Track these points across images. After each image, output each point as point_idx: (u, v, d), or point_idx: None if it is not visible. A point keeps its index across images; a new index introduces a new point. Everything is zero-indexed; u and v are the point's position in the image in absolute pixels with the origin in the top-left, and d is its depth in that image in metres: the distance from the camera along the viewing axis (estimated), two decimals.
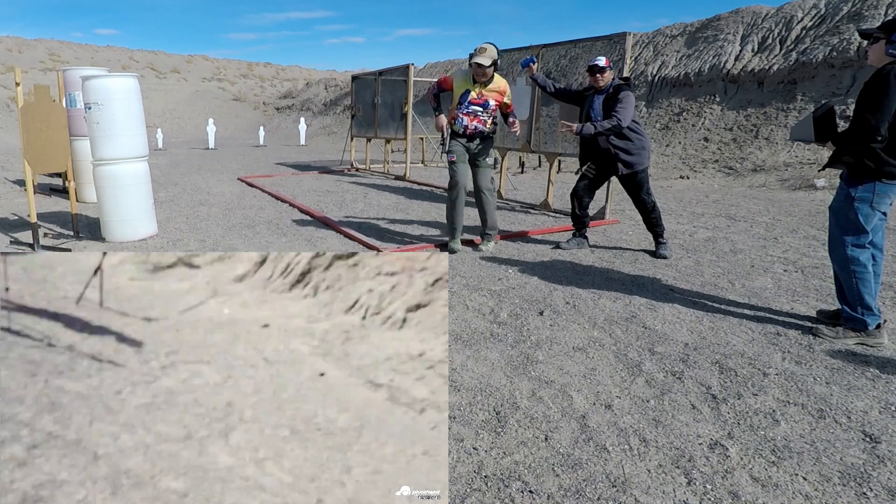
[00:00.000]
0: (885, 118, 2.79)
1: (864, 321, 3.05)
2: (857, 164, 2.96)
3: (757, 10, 13.30)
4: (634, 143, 4.73)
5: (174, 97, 33.20)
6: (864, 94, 2.88)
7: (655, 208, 4.91)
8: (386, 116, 11.20)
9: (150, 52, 41.93)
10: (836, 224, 3.13)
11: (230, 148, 19.37)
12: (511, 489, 1.91)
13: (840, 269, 3.14)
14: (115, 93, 5.26)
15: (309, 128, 23.45)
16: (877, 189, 2.94)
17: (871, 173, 2.92)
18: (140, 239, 5.54)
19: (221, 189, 9.17)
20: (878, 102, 2.80)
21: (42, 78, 25.45)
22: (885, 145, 2.87)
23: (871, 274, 3.03)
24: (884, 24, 2.90)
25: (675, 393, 2.56)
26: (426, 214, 6.99)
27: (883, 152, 2.87)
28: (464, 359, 2.93)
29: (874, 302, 3.05)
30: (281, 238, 5.68)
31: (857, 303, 3.06)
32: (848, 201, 3.03)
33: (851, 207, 3.01)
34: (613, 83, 4.80)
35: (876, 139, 2.84)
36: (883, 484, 1.92)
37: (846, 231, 3.06)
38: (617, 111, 4.61)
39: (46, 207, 7.16)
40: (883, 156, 2.87)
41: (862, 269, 3.03)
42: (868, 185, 2.95)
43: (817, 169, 9.76)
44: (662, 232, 4.98)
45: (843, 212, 3.07)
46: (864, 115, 2.84)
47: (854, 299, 3.07)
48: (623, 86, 4.76)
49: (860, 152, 2.93)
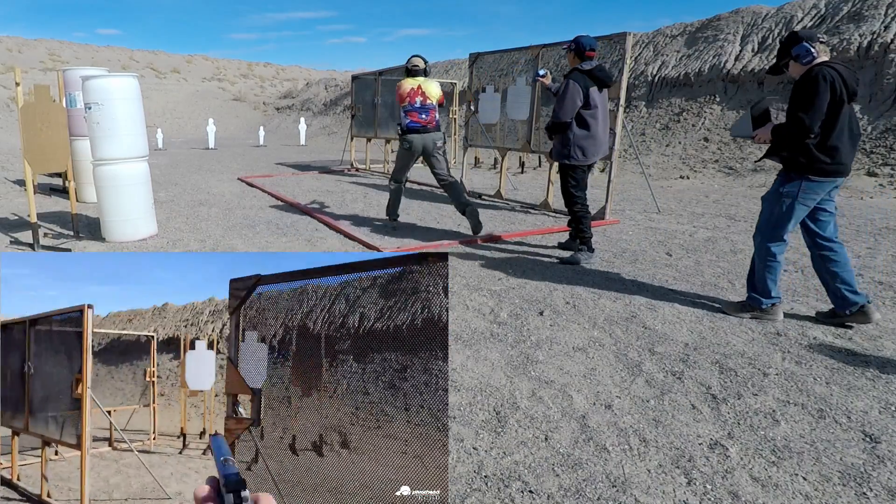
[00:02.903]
0: (817, 116, 2.98)
1: (761, 301, 3.41)
2: (790, 158, 3.17)
3: (757, 10, 13.30)
4: (567, 135, 4.50)
5: (174, 97, 33.19)
6: (796, 95, 3.08)
7: (580, 208, 4.65)
8: (386, 116, 11.20)
9: (150, 52, 41.92)
10: (763, 213, 3.39)
11: (230, 148, 19.36)
12: (511, 489, 1.91)
13: (756, 254, 3.44)
14: (115, 93, 5.26)
15: (309, 128, 23.44)
16: (803, 185, 3.15)
17: (801, 169, 3.13)
18: (140, 239, 5.54)
19: (221, 189, 9.17)
20: (810, 102, 2.99)
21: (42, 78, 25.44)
22: (816, 142, 3.06)
23: (779, 265, 3.36)
24: (781, 50, 3.22)
25: (675, 393, 2.56)
26: (426, 214, 6.99)
27: (815, 149, 3.06)
28: (464, 359, 2.93)
29: (775, 288, 3.39)
30: (281, 238, 5.68)
31: (760, 285, 3.39)
32: (777, 195, 3.26)
33: (779, 201, 3.25)
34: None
35: (809, 136, 3.03)
36: (883, 484, 1.92)
37: (769, 222, 3.32)
38: (555, 104, 4.57)
39: (46, 207, 7.16)
40: (814, 152, 3.07)
41: (772, 260, 3.35)
42: (796, 182, 3.17)
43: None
44: (583, 237, 4.68)
45: (771, 204, 3.31)
46: (798, 114, 3.02)
47: (758, 282, 3.40)
48: (569, 75, 4.55)
49: (793, 148, 3.13)
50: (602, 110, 4.61)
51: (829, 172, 3.10)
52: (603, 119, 4.65)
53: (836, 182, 3.17)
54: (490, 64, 7.85)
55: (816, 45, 3.08)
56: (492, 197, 8.11)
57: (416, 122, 5.49)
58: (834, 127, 3.03)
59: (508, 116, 7.43)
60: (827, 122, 3.02)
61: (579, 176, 4.66)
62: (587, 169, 4.72)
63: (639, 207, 7.37)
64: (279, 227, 6.19)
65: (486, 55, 7.91)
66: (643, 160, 9.90)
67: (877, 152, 8.92)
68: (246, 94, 36.64)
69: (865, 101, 9.80)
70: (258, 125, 25.31)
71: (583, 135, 4.52)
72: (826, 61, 3.08)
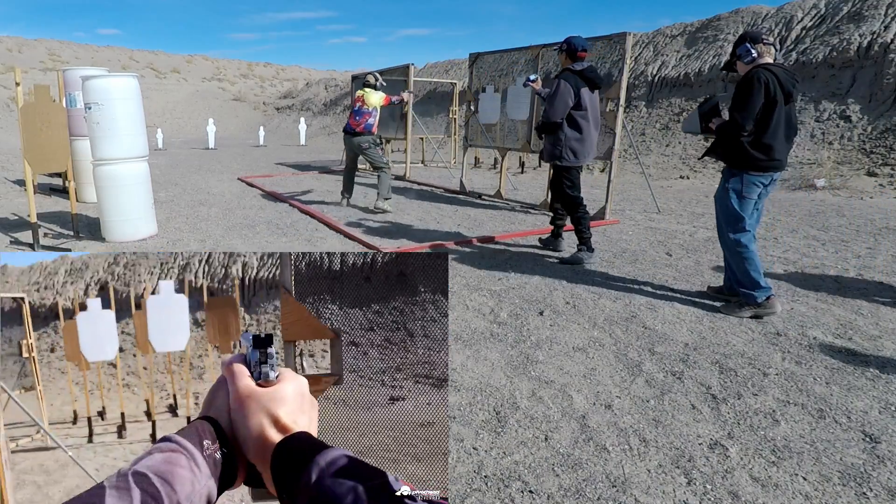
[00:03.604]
0: (750, 115, 3.18)
1: (753, 296, 3.42)
2: (730, 155, 3.37)
3: (757, 10, 13.30)
4: (559, 136, 4.52)
5: (174, 97, 33.19)
6: (735, 95, 3.26)
7: (580, 210, 4.65)
8: (386, 116, 11.18)
9: (150, 52, 41.92)
10: (718, 212, 3.54)
11: (230, 148, 19.36)
12: (511, 489, 1.91)
13: (728, 252, 3.54)
14: (115, 93, 5.26)
15: (309, 128, 23.44)
16: (744, 179, 3.35)
17: (740, 164, 3.33)
18: (140, 239, 5.54)
19: (221, 189, 9.17)
20: (744, 101, 3.19)
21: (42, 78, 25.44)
22: (751, 140, 3.25)
23: (754, 253, 3.43)
24: (732, 49, 3.39)
25: (675, 393, 2.56)
26: (426, 214, 6.99)
27: (750, 147, 3.26)
28: (464, 359, 2.93)
29: (761, 278, 3.42)
30: (281, 238, 5.68)
31: (746, 280, 3.44)
32: (725, 191, 3.44)
33: (728, 196, 3.42)
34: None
35: (742, 134, 3.23)
36: (883, 484, 1.92)
37: (726, 218, 3.47)
38: (546, 104, 4.61)
39: (46, 207, 7.16)
40: (749, 150, 3.26)
41: (745, 250, 3.41)
42: (738, 177, 3.36)
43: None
44: (582, 237, 4.66)
45: (722, 200, 3.48)
46: (733, 112, 3.23)
47: (743, 277, 3.45)
48: (559, 75, 4.57)
49: (731, 146, 3.32)
50: (593, 111, 4.60)
51: (765, 167, 3.31)
52: (594, 120, 4.64)
53: (773, 176, 3.38)
54: (490, 64, 7.84)
55: (760, 46, 3.26)
56: (492, 197, 8.11)
57: (349, 125, 6.82)
58: (768, 126, 3.22)
59: (508, 116, 7.43)
60: (762, 121, 3.21)
61: (573, 177, 4.65)
62: (580, 169, 4.72)
63: (639, 207, 7.37)
64: (279, 227, 6.19)
65: (486, 55, 7.91)
66: (643, 160, 9.90)
67: (877, 152, 8.92)
68: (246, 94, 36.64)
69: (865, 101, 9.80)
70: (258, 125, 25.30)
71: (574, 136, 4.52)
72: (766, 63, 3.26)
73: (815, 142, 9.90)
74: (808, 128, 10.24)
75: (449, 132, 14.16)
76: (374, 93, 6.77)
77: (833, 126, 9.90)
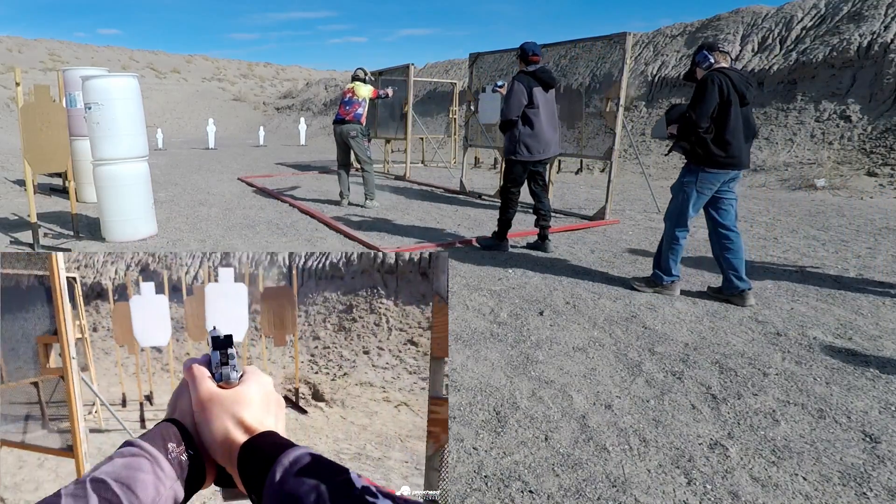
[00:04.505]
0: (704, 113, 3.45)
1: (662, 278, 3.86)
2: (691, 151, 3.61)
3: (757, 10, 13.30)
4: (514, 133, 4.80)
5: (174, 97, 33.19)
6: (693, 96, 3.55)
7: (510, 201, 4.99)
8: (386, 116, 11.20)
9: (150, 52, 41.94)
10: (671, 202, 3.83)
11: (230, 148, 19.36)
12: (511, 489, 1.91)
13: (665, 236, 3.88)
14: (115, 93, 5.25)
15: (309, 128, 23.44)
16: (700, 176, 3.60)
17: (699, 160, 3.58)
18: (140, 239, 5.54)
19: (221, 189, 9.17)
20: (699, 101, 3.48)
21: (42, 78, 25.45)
22: (713, 137, 3.51)
23: (681, 247, 3.82)
24: (692, 59, 3.70)
25: (675, 393, 2.56)
26: (426, 214, 6.99)
27: (711, 143, 3.51)
28: (464, 359, 2.93)
29: (675, 267, 3.84)
30: (281, 238, 5.68)
31: (664, 263, 3.84)
32: (680, 184, 3.71)
33: (682, 190, 3.69)
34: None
35: (698, 129, 3.48)
36: (883, 484, 1.92)
37: (674, 211, 3.77)
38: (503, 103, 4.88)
39: (46, 207, 7.16)
40: (710, 146, 3.52)
41: (675, 243, 3.80)
42: (694, 173, 3.62)
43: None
44: (500, 231, 5.12)
45: (676, 192, 3.76)
46: (689, 111, 3.51)
47: (663, 261, 3.84)
48: (515, 77, 4.88)
49: (692, 142, 3.57)
50: (546, 110, 4.85)
51: (724, 164, 3.55)
52: (547, 118, 4.87)
53: (730, 174, 3.62)
54: (490, 64, 7.85)
55: (716, 53, 3.60)
56: (492, 197, 8.10)
57: (339, 114, 7.11)
58: (727, 124, 3.48)
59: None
60: (720, 120, 3.49)
61: (518, 172, 4.91)
62: (533, 166, 4.93)
63: (639, 207, 7.37)
64: (279, 227, 6.19)
65: (486, 55, 7.92)
66: (643, 160, 9.89)
67: (877, 152, 8.92)
68: (246, 94, 36.64)
69: (865, 101, 9.80)
70: (258, 125, 25.31)
71: (527, 132, 4.80)
72: (722, 67, 3.55)
73: (815, 142, 9.91)
74: (808, 128, 10.24)
75: (449, 132, 14.15)
76: (363, 85, 7.10)
77: (833, 126, 9.90)
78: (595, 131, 6.59)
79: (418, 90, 19.88)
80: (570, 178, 10.78)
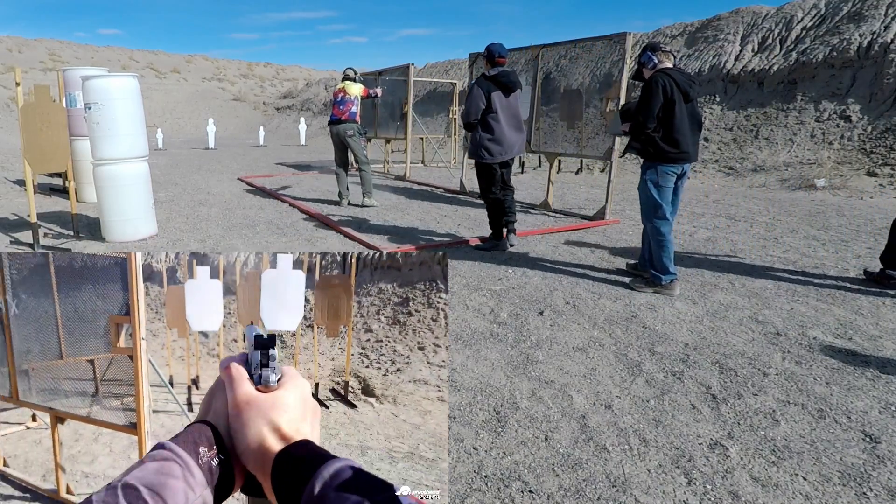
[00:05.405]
0: (650, 115, 3.64)
1: (660, 278, 3.87)
2: (645, 150, 3.79)
3: (757, 10, 13.30)
4: (475, 136, 4.89)
5: (174, 97, 33.19)
6: (639, 97, 3.73)
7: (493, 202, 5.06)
8: (386, 116, 11.19)
9: (150, 52, 41.94)
10: (641, 202, 3.96)
11: (230, 148, 19.36)
12: (511, 489, 1.91)
13: (651, 236, 3.93)
14: (115, 93, 5.26)
15: (309, 128, 23.43)
16: (659, 170, 3.78)
17: (654, 158, 3.76)
18: (140, 239, 5.54)
19: (221, 189, 9.17)
20: (644, 103, 3.66)
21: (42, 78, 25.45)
22: (662, 135, 3.69)
23: (669, 241, 3.85)
24: (638, 60, 3.88)
25: (675, 393, 2.56)
26: (426, 214, 6.99)
27: (661, 141, 3.69)
28: (464, 359, 2.93)
29: (671, 264, 3.86)
30: (281, 238, 5.68)
31: (658, 264, 3.87)
32: (644, 183, 3.85)
33: (647, 187, 3.84)
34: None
35: (644, 131, 3.68)
36: (883, 484, 1.92)
37: (647, 207, 3.89)
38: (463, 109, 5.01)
39: (46, 207, 7.16)
40: (661, 144, 3.70)
41: (663, 238, 3.83)
42: (653, 169, 3.79)
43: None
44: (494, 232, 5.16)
45: (643, 191, 3.89)
46: (636, 114, 3.71)
47: (656, 261, 3.88)
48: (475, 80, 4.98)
49: (644, 141, 3.75)
50: (505, 113, 4.89)
51: (675, 159, 3.74)
52: (507, 121, 4.91)
53: (682, 167, 3.82)
54: None
55: (659, 54, 3.79)
56: None
57: (334, 115, 7.14)
58: (673, 122, 3.66)
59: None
60: (666, 118, 3.66)
61: (488, 173, 4.99)
62: (501, 166, 5.00)
63: (638, 207, 7.37)
64: (279, 227, 6.19)
65: None
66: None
67: (877, 152, 8.92)
68: (246, 94, 36.63)
69: (865, 101, 9.80)
70: (258, 125, 25.30)
71: (486, 136, 4.88)
72: (665, 68, 3.73)
73: (815, 142, 9.91)
74: (808, 128, 10.24)
75: (449, 132, 14.15)
76: (354, 84, 7.18)
77: (833, 126, 9.90)
78: (595, 131, 6.59)
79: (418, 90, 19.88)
80: (570, 178, 10.78)
